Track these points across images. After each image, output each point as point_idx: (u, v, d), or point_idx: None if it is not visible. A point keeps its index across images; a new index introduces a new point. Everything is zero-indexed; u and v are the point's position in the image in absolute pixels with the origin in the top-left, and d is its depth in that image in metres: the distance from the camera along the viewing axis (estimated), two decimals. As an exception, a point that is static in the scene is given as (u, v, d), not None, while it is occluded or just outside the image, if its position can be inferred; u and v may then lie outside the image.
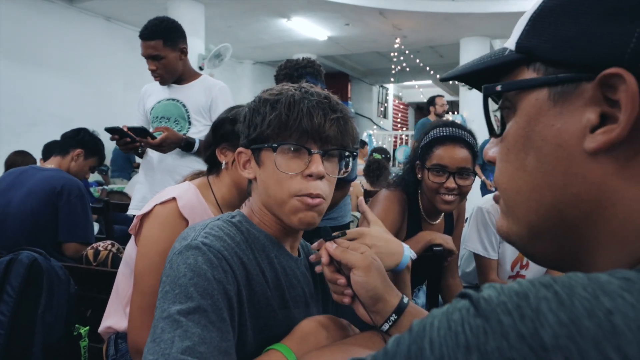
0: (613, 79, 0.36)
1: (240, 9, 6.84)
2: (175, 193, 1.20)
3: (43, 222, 2.16)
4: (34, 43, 6.22)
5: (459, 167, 1.53)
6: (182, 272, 0.72)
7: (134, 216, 1.28)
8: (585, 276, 0.31)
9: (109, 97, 7.17)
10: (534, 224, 0.43)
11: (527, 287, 0.31)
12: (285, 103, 0.81)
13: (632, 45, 0.35)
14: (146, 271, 1.13)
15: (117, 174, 6.55)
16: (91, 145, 2.53)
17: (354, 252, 0.79)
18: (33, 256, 1.41)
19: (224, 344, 0.68)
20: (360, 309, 0.79)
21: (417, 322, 0.34)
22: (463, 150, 1.54)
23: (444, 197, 1.55)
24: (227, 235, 0.80)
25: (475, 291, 0.33)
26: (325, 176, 0.83)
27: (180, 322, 0.66)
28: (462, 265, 2.17)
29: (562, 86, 0.39)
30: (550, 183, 0.40)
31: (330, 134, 0.82)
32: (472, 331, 0.30)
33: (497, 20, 6.82)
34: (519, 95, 0.43)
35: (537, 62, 0.42)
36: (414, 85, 12.13)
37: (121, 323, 1.29)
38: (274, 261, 0.86)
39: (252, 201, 0.91)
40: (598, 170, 0.38)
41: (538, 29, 0.42)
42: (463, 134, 1.56)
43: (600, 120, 0.37)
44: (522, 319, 0.29)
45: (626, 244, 0.38)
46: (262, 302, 0.82)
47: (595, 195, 0.38)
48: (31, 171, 2.31)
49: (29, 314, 1.35)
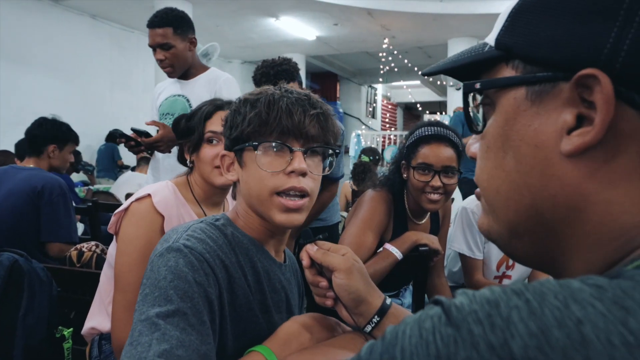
0: (589, 80, 0.35)
1: (229, 8, 6.82)
2: (151, 190, 1.21)
3: (25, 223, 2.12)
4: (18, 41, 6.14)
5: (444, 166, 1.54)
6: (163, 274, 0.71)
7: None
8: (557, 283, 0.30)
9: (95, 96, 7.11)
10: (513, 223, 0.42)
11: (498, 294, 0.30)
12: (264, 102, 0.81)
13: (609, 46, 0.35)
14: (126, 269, 1.13)
15: (102, 173, 6.50)
16: (59, 134, 2.42)
17: (335, 254, 0.79)
18: (14, 257, 1.39)
19: (203, 347, 0.67)
20: (343, 311, 0.79)
21: (390, 329, 0.34)
22: (448, 149, 1.55)
23: (430, 196, 1.56)
24: (209, 238, 0.79)
25: (448, 298, 0.33)
26: (309, 173, 0.82)
27: (159, 325, 0.66)
28: (448, 264, 2.19)
29: (539, 85, 0.39)
30: (528, 183, 0.40)
31: (311, 131, 0.82)
32: (443, 340, 0.29)
33: (484, 21, 6.86)
34: (498, 93, 0.42)
35: (516, 59, 0.41)
36: (403, 86, 12.16)
37: (105, 324, 1.27)
38: (257, 265, 0.85)
39: (237, 205, 0.90)
40: (574, 172, 0.37)
41: (517, 25, 0.41)
42: (448, 133, 1.57)
43: (576, 121, 0.37)
44: (493, 328, 0.28)
45: (600, 247, 0.37)
46: (243, 306, 0.81)
47: (571, 197, 0.38)
48: (11, 171, 2.26)
49: (9, 316, 1.33)
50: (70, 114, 6.13)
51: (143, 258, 1.13)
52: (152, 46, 2.11)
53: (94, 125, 6.75)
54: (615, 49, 0.34)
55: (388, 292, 1.81)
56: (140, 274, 1.11)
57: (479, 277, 1.92)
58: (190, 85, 2.21)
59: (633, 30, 0.34)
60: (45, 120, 2.44)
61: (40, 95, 6.33)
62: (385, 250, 1.57)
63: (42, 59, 6.44)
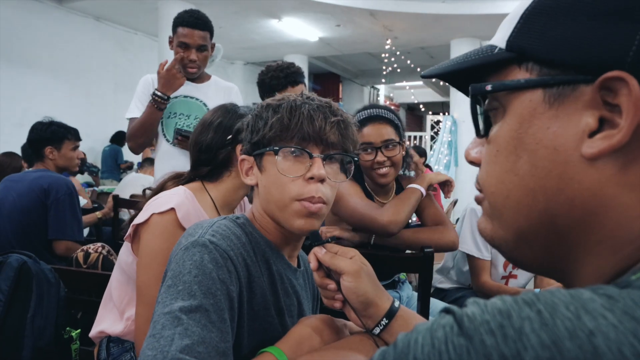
0: (614, 83, 0.35)
1: (231, 9, 6.82)
2: (174, 203, 1.16)
3: (33, 222, 2.18)
4: (22, 43, 6.15)
5: (383, 141, 1.64)
6: (187, 268, 0.72)
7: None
8: (568, 293, 0.30)
9: (99, 98, 7.13)
10: (523, 229, 0.42)
11: (510, 305, 0.31)
12: (287, 107, 0.83)
13: (635, 48, 0.34)
14: (151, 283, 1.11)
15: (106, 175, 6.51)
16: (50, 135, 2.44)
17: (343, 257, 0.79)
18: (22, 259, 1.40)
19: (222, 345, 0.68)
20: (352, 313, 0.79)
21: (402, 337, 0.34)
22: (384, 126, 1.65)
23: (379, 171, 1.66)
24: (233, 235, 0.80)
25: (459, 307, 0.33)
26: (327, 180, 0.83)
27: (181, 320, 0.66)
28: (457, 264, 2.19)
29: (558, 88, 0.38)
30: (545, 187, 0.39)
31: (331, 138, 0.83)
32: (456, 350, 0.30)
33: (487, 22, 6.85)
34: (509, 96, 0.41)
35: (530, 61, 0.40)
36: (405, 86, 12.16)
37: (113, 327, 1.28)
38: (272, 267, 0.86)
39: (253, 208, 0.91)
40: (594, 175, 0.37)
41: (531, 27, 0.40)
42: (380, 112, 1.68)
43: (598, 124, 0.36)
44: (505, 339, 0.29)
45: (613, 253, 0.37)
46: (260, 305, 0.82)
47: (588, 201, 0.37)
48: (23, 176, 2.35)
49: (18, 318, 1.34)
50: (74, 115, 6.17)
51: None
52: (189, 45, 2.15)
53: (97, 127, 6.77)
54: None
55: (381, 280, 1.81)
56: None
57: (486, 278, 1.93)
58: (204, 89, 2.26)
59: None
60: (38, 124, 2.48)
61: (44, 97, 6.35)
62: (409, 188, 1.67)
63: (46, 61, 6.46)
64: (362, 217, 1.58)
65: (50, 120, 2.50)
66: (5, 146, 4.15)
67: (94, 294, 1.47)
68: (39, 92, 6.34)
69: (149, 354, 0.63)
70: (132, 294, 1.20)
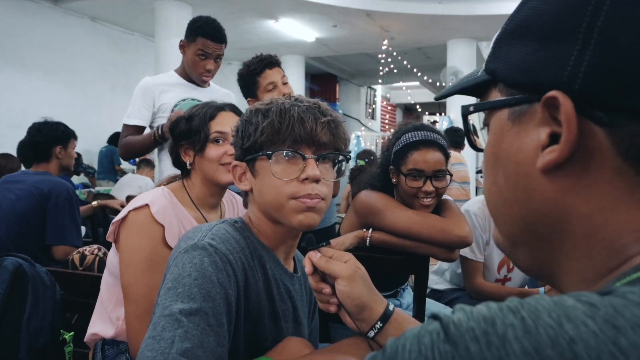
0: (555, 101, 0.37)
1: (228, 10, 6.82)
2: (148, 199, 1.20)
3: (31, 225, 2.16)
4: (18, 43, 6.13)
5: (435, 170, 1.56)
6: (187, 271, 0.73)
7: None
8: (552, 300, 0.31)
9: (95, 99, 7.11)
10: (511, 234, 0.45)
11: (495, 312, 0.31)
12: (276, 111, 0.83)
13: (569, 68, 0.37)
14: (133, 280, 1.13)
15: (102, 175, 6.49)
16: (60, 135, 2.46)
17: (338, 261, 0.80)
18: (18, 262, 1.40)
19: (219, 349, 0.69)
20: (346, 317, 0.80)
21: (390, 343, 0.35)
22: (437, 153, 1.57)
23: (422, 201, 1.58)
24: (232, 239, 0.81)
25: (446, 314, 0.34)
26: (321, 180, 0.84)
27: (182, 322, 0.67)
28: (452, 266, 2.20)
29: (518, 107, 0.41)
30: (517, 198, 0.42)
31: (322, 138, 0.84)
32: (441, 357, 0.30)
33: (483, 23, 6.88)
34: (489, 115, 0.45)
35: (500, 83, 0.44)
36: (402, 87, 12.16)
37: (107, 330, 1.28)
38: (268, 272, 0.86)
39: (249, 212, 0.91)
40: (552, 187, 0.39)
41: (499, 51, 0.44)
42: (435, 137, 1.59)
43: (551, 139, 0.39)
44: (489, 346, 0.29)
45: (589, 259, 0.39)
46: (254, 310, 0.83)
47: (553, 210, 0.40)
48: (22, 177, 2.33)
49: (14, 320, 1.34)
50: (70, 116, 6.14)
51: (149, 268, 1.14)
52: (209, 56, 2.20)
53: (93, 128, 6.74)
54: (575, 71, 0.36)
55: (384, 292, 1.82)
56: (148, 284, 1.12)
57: (479, 280, 1.94)
58: (207, 93, 2.29)
59: (589, 53, 0.36)
60: (42, 125, 2.47)
61: (40, 98, 6.33)
62: (446, 200, 1.65)
63: (42, 62, 6.44)
64: (431, 230, 1.52)
65: (48, 120, 2.51)
66: (1, 147, 4.13)
67: (90, 296, 1.47)
68: (34, 92, 6.31)
69: (148, 355, 0.64)
70: (120, 294, 1.21)
